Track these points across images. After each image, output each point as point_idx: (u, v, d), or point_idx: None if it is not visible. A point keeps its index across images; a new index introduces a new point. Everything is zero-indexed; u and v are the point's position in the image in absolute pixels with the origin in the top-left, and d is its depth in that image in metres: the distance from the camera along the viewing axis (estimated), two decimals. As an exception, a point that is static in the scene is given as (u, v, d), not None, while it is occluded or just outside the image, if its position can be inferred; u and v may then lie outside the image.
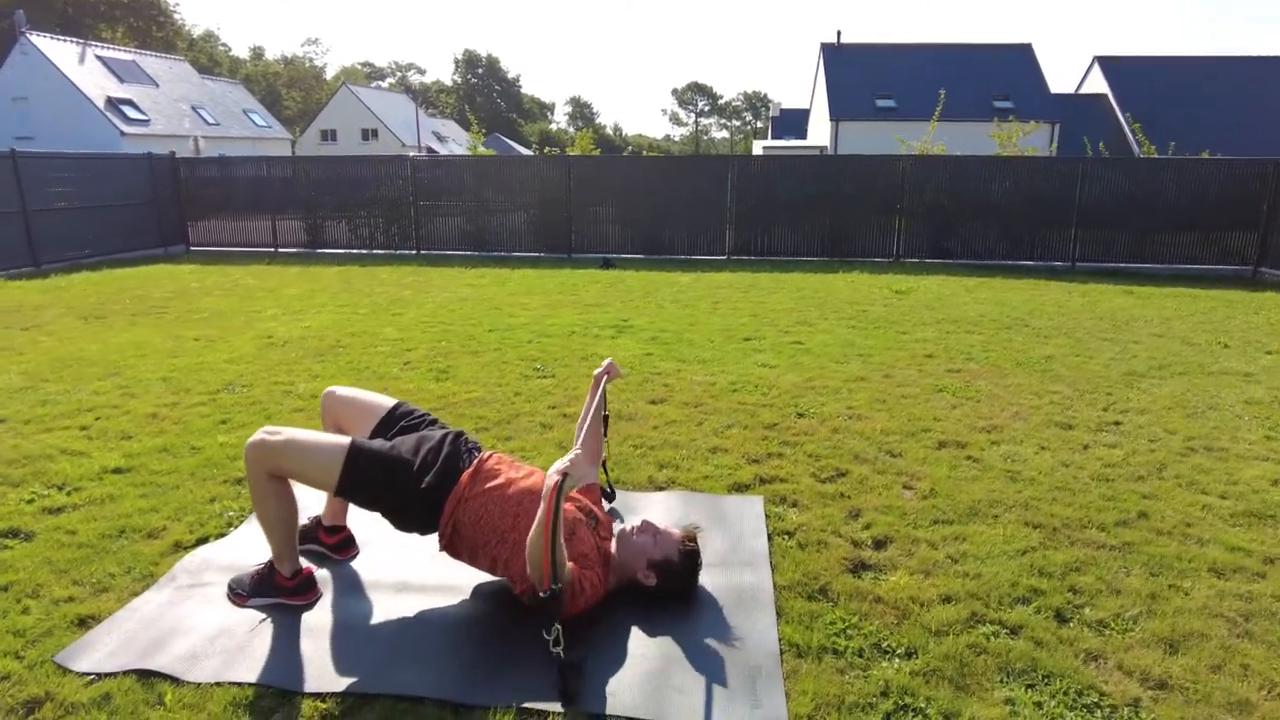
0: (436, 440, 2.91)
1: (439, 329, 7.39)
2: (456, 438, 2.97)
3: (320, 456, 2.76)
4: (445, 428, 3.07)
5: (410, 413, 3.11)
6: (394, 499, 2.78)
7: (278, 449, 2.76)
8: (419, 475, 2.76)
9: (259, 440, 2.77)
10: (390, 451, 2.82)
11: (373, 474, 2.76)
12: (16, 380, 5.68)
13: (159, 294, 9.73)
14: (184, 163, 15.36)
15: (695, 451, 4.25)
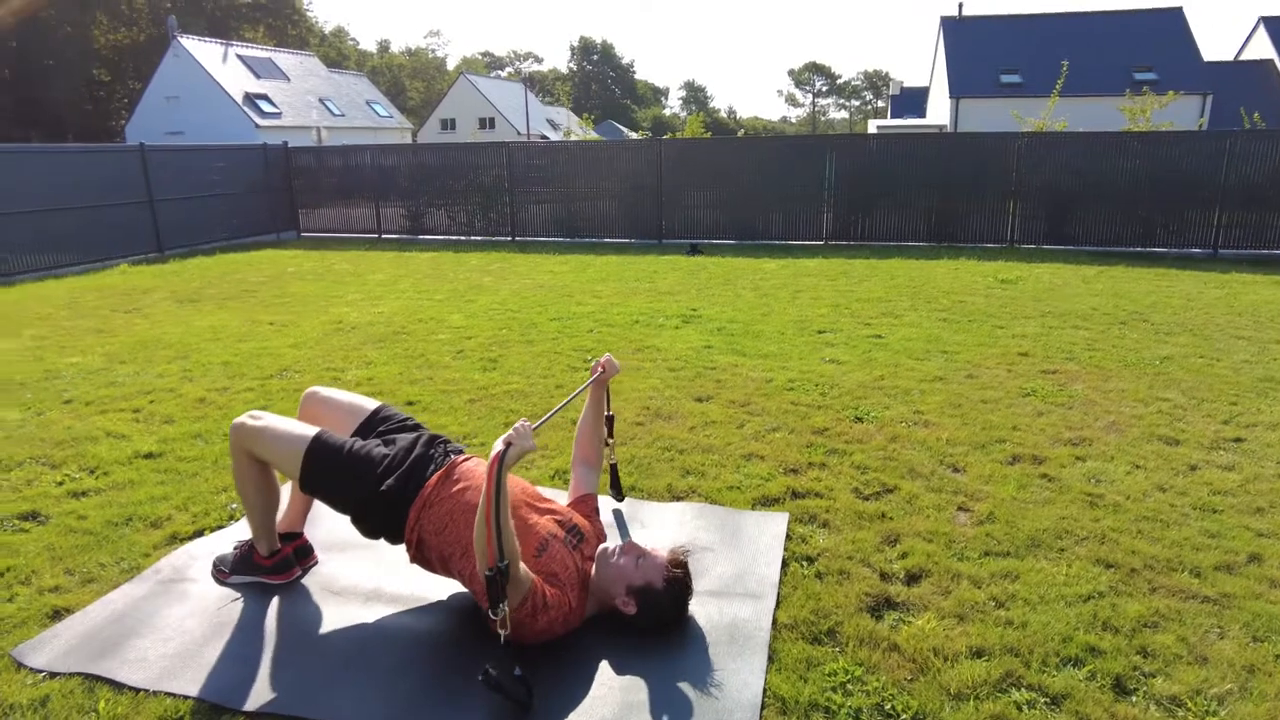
0: (408, 442, 2.71)
1: (504, 317, 7.27)
2: (431, 441, 2.75)
3: (290, 445, 2.63)
4: (426, 431, 2.86)
5: (390, 417, 2.91)
6: (354, 499, 2.60)
7: (253, 434, 2.65)
8: (381, 477, 2.57)
9: (240, 423, 2.68)
10: (355, 448, 2.64)
11: (333, 469, 2.60)
12: (97, 362, 5.94)
13: (255, 278, 10.12)
14: (295, 152, 16.03)
15: (728, 457, 3.88)
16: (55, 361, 5.96)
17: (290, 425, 2.68)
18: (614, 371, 3.15)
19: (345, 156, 15.85)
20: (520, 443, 2.23)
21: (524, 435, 2.25)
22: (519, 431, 2.26)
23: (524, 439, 2.24)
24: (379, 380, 5.29)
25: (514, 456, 2.22)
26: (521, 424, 2.28)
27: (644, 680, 2.29)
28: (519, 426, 2.27)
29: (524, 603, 2.29)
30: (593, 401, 3.15)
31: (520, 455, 2.23)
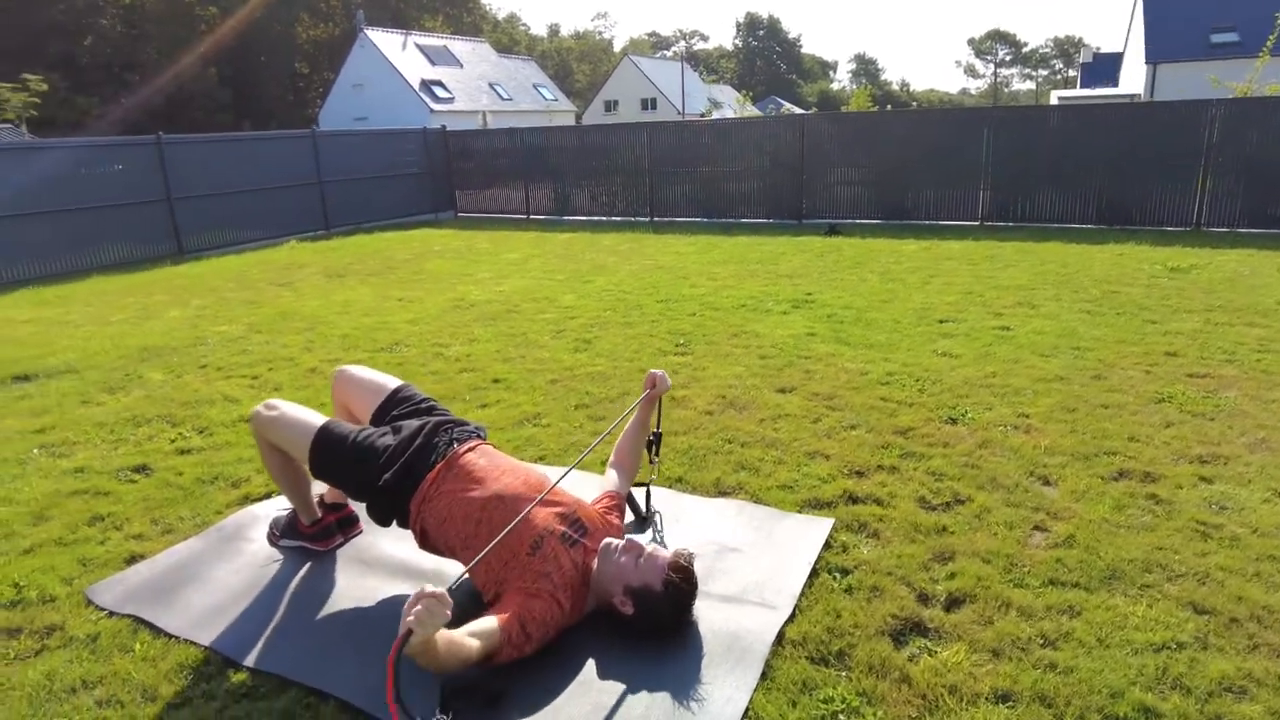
0: (413, 430, 2.70)
1: (613, 297, 7.28)
2: (437, 428, 2.74)
3: (299, 435, 2.71)
4: (438, 415, 2.86)
5: (409, 398, 2.94)
6: (358, 489, 2.66)
7: (268, 423, 2.77)
8: (381, 469, 2.59)
9: (255, 413, 2.82)
10: (359, 439, 2.67)
11: (338, 459, 2.66)
12: (238, 331, 6.53)
13: (401, 255, 10.75)
14: (453, 136, 16.85)
15: (790, 454, 3.66)
16: (206, 330, 6.61)
17: (301, 415, 2.76)
18: (664, 388, 3.11)
19: (497, 139, 16.46)
20: (423, 629, 1.85)
21: (430, 616, 1.86)
22: (427, 610, 1.86)
23: (430, 621, 1.86)
24: (475, 357, 5.44)
25: (418, 646, 1.86)
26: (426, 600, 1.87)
27: (623, 684, 2.19)
28: (427, 602, 1.87)
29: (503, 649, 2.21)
30: (640, 416, 3.11)
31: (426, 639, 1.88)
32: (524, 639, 2.26)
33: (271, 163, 13.39)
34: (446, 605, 1.90)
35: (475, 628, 2.20)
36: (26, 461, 3.96)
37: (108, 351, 5.95)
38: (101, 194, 11.04)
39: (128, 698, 2.26)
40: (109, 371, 5.42)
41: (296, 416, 2.77)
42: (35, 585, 2.85)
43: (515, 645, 2.24)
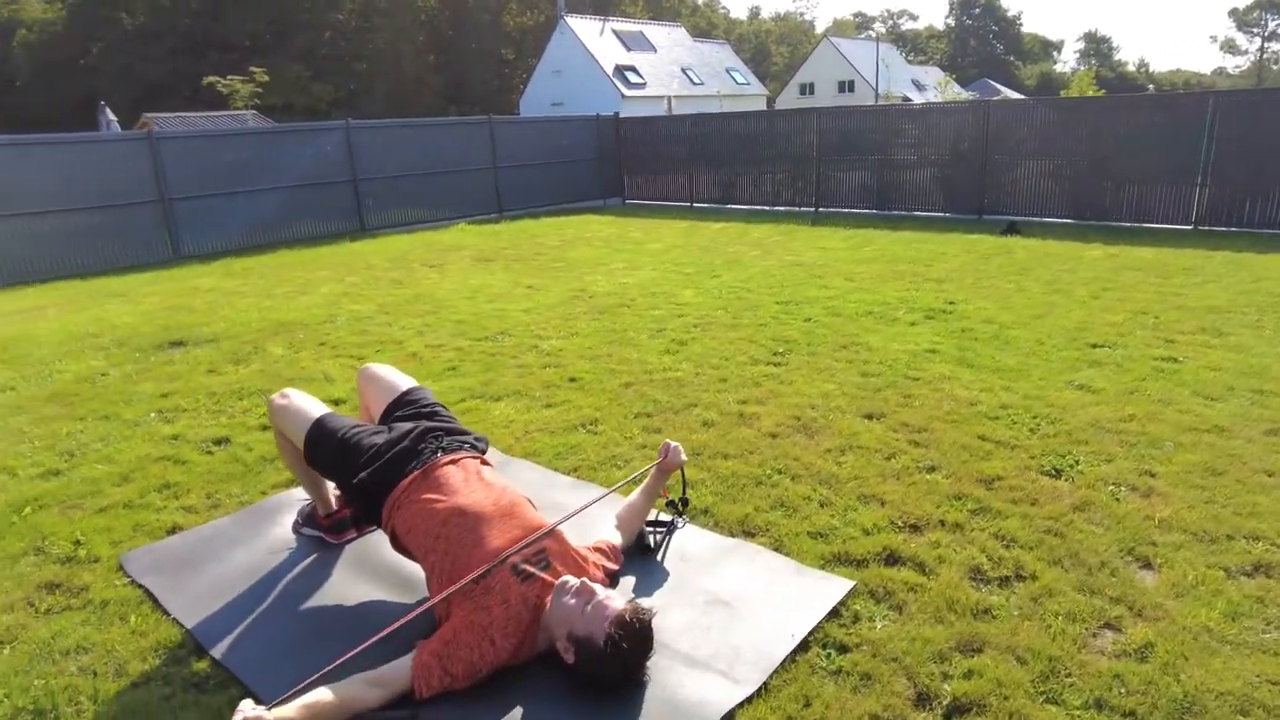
0: (400, 434, 2.65)
1: (732, 296, 6.95)
2: (424, 434, 2.66)
3: (299, 426, 2.75)
4: (438, 422, 2.78)
5: (415, 401, 2.90)
6: (340, 484, 2.66)
7: (278, 412, 2.83)
8: (361, 467, 2.56)
9: (270, 400, 2.89)
10: (348, 435, 2.66)
11: (327, 453, 2.68)
12: (368, 310, 6.90)
13: (552, 242, 10.97)
14: (625, 122, 16.98)
15: (842, 495, 3.24)
16: (343, 308, 7.05)
17: (305, 406, 2.79)
18: (675, 462, 2.95)
19: (667, 125, 16.40)
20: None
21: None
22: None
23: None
24: (564, 353, 5.37)
25: None
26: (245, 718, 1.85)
27: (533, 748, 1.99)
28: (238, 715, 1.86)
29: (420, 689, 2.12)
30: (648, 488, 2.96)
31: None
32: (445, 677, 2.14)
33: (450, 148, 14.14)
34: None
35: (380, 675, 2.13)
36: (140, 424, 4.37)
37: (251, 324, 6.49)
38: (299, 174, 12.17)
39: (102, 669, 2.38)
40: (241, 343, 5.91)
41: (300, 407, 2.80)
42: (90, 544, 3.10)
43: (435, 683, 2.13)
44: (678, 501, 3.08)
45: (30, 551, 3.08)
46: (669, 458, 2.93)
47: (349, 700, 2.04)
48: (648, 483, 2.96)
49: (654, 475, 2.95)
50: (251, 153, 11.71)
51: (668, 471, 2.96)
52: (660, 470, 2.95)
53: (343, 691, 2.05)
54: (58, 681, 2.33)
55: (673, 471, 2.98)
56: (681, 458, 2.95)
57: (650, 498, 2.95)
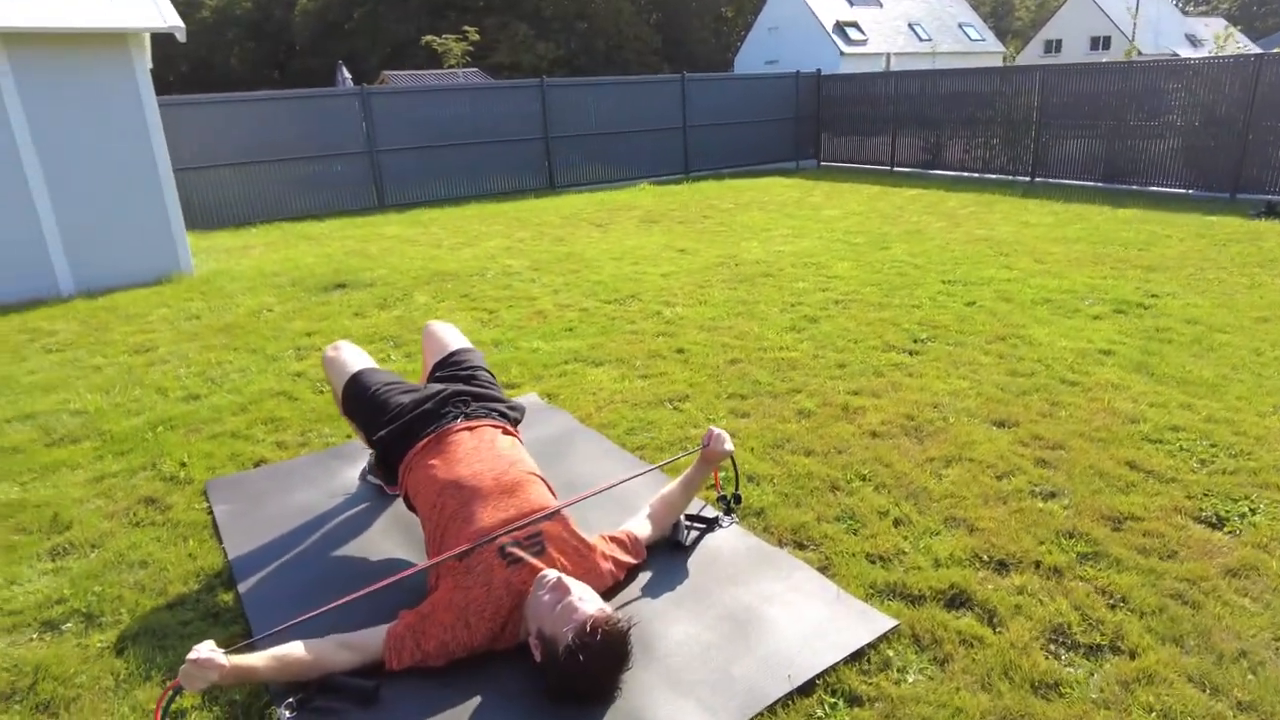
0: (425, 395, 2.61)
1: (894, 271, 6.32)
2: (450, 398, 2.59)
3: (338, 379, 2.78)
4: (472, 386, 2.70)
5: (459, 363, 2.86)
6: (366, 441, 2.65)
7: (327, 363, 2.89)
8: (382, 425, 2.55)
9: (324, 351, 2.94)
10: (379, 392, 2.64)
11: (358, 408, 2.70)
12: (519, 266, 7.03)
13: (725, 204, 10.64)
14: (826, 80, 16.06)
15: (926, 514, 2.78)
16: (499, 261, 7.24)
17: (349, 359, 2.81)
18: (720, 452, 2.64)
19: (872, 84, 15.30)
20: (190, 685, 1.84)
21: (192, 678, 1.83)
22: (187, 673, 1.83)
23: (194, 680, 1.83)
24: (684, 321, 5.14)
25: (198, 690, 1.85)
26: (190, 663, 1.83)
27: (473, 749, 1.86)
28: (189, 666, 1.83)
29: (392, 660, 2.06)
30: (689, 478, 2.69)
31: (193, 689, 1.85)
32: (418, 653, 2.07)
33: (641, 107, 14.09)
34: (210, 669, 1.84)
35: (355, 639, 2.08)
36: (276, 360, 4.72)
37: (410, 272, 6.84)
38: (496, 130, 12.69)
39: (149, 586, 2.55)
40: (394, 290, 6.23)
41: (345, 360, 2.84)
42: (191, 467, 3.37)
43: (406, 657, 2.07)
44: (729, 498, 2.80)
45: (147, 466, 3.41)
46: (711, 446, 2.65)
47: (320, 659, 2.02)
48: (689, 473, 2.70)
49: (696, 465, 2.69)
50: (453, 109, 12.34)
51: (712, 462, 2.68)
52: (704, 461, 2.67)
53: (315, 649, 2.03)
54: (112, 590, 2.53)
55: (718, 462, 2.70)
56: (726, 447, 2.65)
57: (690, 490, 2.69)
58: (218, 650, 1.88)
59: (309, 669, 2.00)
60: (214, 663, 1.83)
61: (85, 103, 6.51)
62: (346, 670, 2.04)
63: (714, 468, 2.71)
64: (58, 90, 6.40)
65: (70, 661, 2.21)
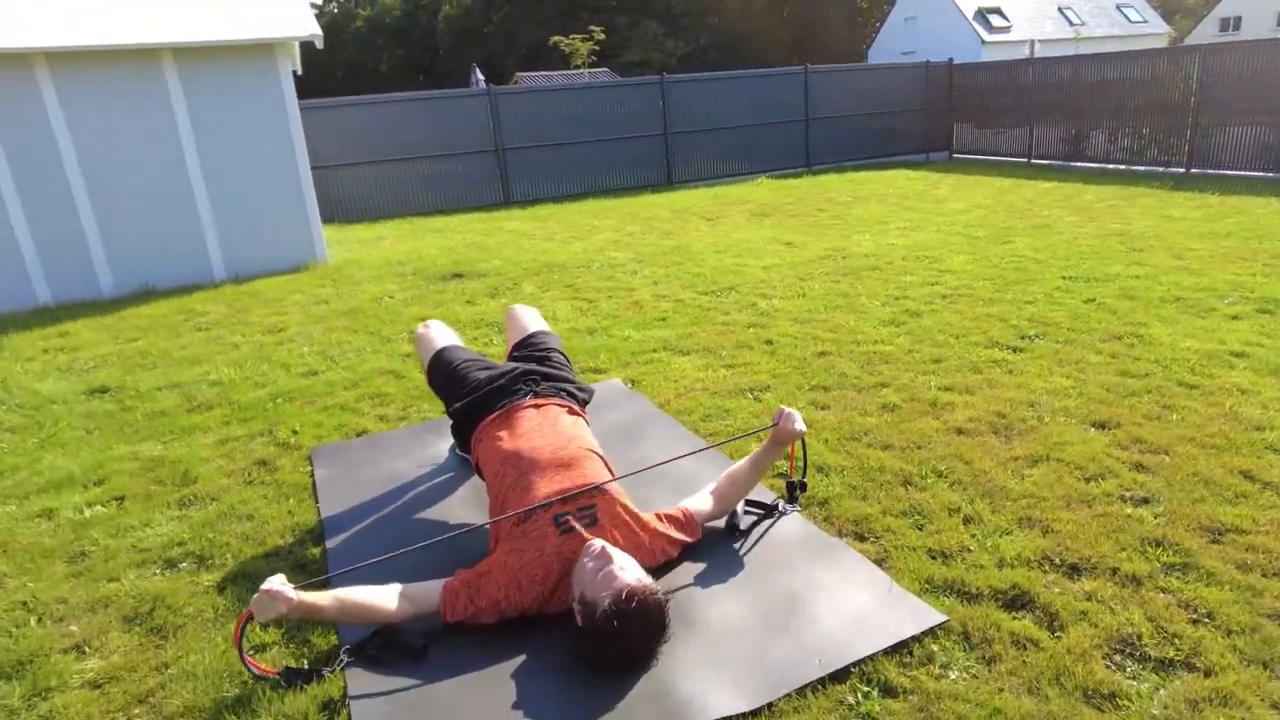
0: (499, 373, 2.76)
1: (1011, 266, 6.00)
2: (522, 376, 2.73)
3: (425, 355, 2.98)
4: (546, 367, 2.83)
5: (534, 344, 3.00)
6: (447, 412, 2.81)
7: (417, 340, 3.11)
8: (458, 398, 2.72)
9: (416, 329, 3.14)
10: (459, 367, 2.81)
11: (439, 382, 2.88)
12: (624, 259, 7.17)
13: (843, 197, 10.40)
14: (959, 69, 15.35)
15: (999, 514, 2.67)
16: (605, 254, 7.42)
17: (436, 336, 3.00)
18: (791, 432, 2.59)
19: (1008, 72, 14.51)
20: (262, 615, 2.03)
21: (264, 608, 2.02)
22: (260, 602, 2.02)
23: (266, 610, 2.02)
24: (777, 314, 5.10)
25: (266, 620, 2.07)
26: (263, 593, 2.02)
27: (520, 692, 1.96)
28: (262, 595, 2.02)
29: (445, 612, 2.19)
30: (756, 458, 2.66)
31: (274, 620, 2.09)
32: (471, 608, 2.19)
33: (762, 100, 13.98)
34: (279, 601, 2.02)
35: (413, 590, 2.21)
36: (390, 341, 5.05)
37: (522, 263, 7.12)
38: (617, 128, 12.93)
39: (253, 536, 2.83)
40: (504, 280, 6.51)
41: (432, 337, 3.03)
42: (302, 435, 3.69)
43: (460, 610, 2.18)
44: (796, 484, 2.78)
45: (265, 433, 3.76)
46: (781, 425, 2.62)
47: (379, 605, 2.16)
48: (758, 453, 2.68)
49: (766, 445, 2.67)
50: (576, 107, 12.68)
51: (781, 443, 2.65)
52: (774, 441, 2.66)
53: (376, 596, 2.18)
54: (221, 538, 2.82)
55: (788, 443, 2.66)
56: (797, 427, 2.61)
57: (758, 470, 2.67)
58: (287, 585, 2.05)
59: (368, 613, 2.15)
60: (283, 595, 2.02)
61: (236, 108, 7.17)
62: (403, 618, 2.18)
63: (784, 449, 2.68)
64: (214, 98, 7.08)
65: (182, 595, 2.50)
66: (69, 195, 6.77)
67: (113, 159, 6.84)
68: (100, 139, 6.77)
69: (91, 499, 3.18)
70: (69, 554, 2.79)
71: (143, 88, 6.82)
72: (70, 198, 6.78)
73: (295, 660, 2.18)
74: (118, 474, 3.38)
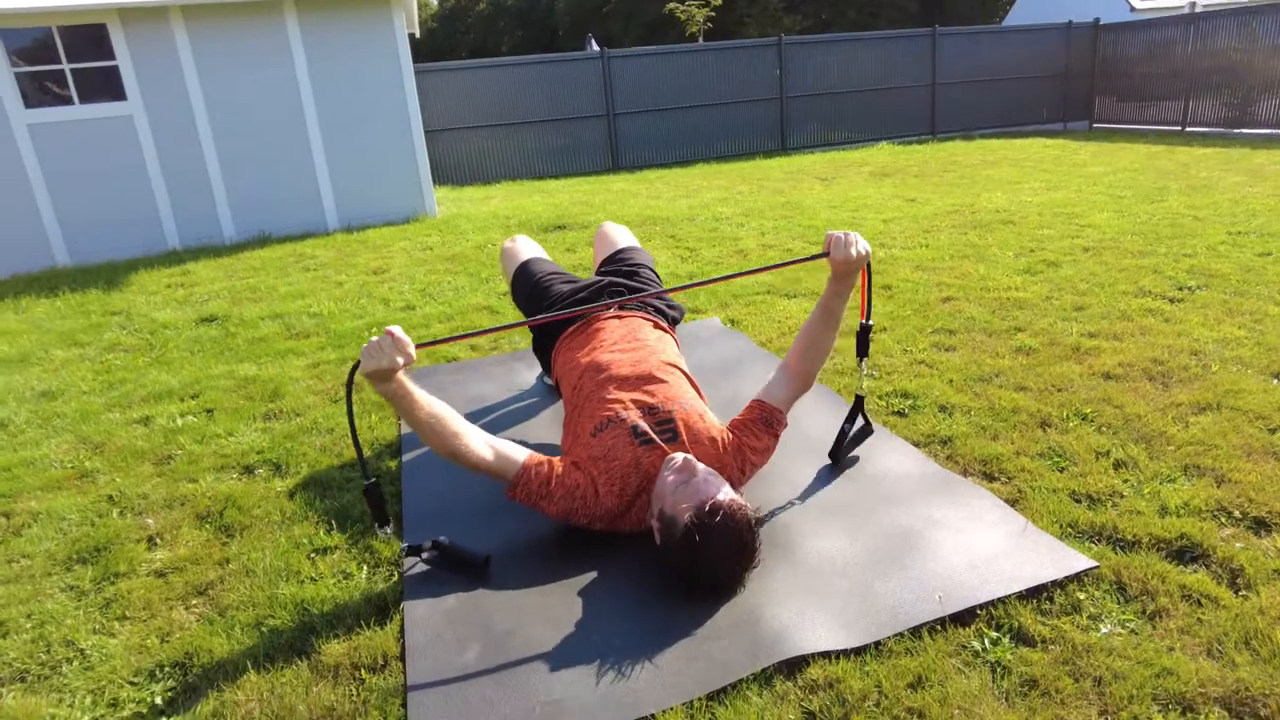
0: (582, 285, 2.58)
1: (1165, 222, 5.32)
2: (605, 288, 2.54)
3: (509, 267, 2.83)
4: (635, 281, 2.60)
5: (623, 259, 2.80)
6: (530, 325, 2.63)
7: (502, 253, 2.98)
8: (538, 309, 2.53)
9: (502, 244, 2.99)
10: (542, 280, 2.64)
11: (522, 295, 2.73)
12: (730, 213, 6.86)
13: (970, 161, 9.68)
14: (1104, 30, 14.06)
15: (1159, 460, 2.25)
16: (711, 210, 7.12)
17: (521, 250, 2.84)
18: (848, 260, 2.02)
19: (1164, 32, 13.15)
20: (371, 362, 1.76)
21: (379, 352, 1.76)
22: (377, 346, 1.77)
23: (378, 356, 1.76)
24: (896, 261, 4.68)
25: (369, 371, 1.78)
26: (382, 338, 1.79)
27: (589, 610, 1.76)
28: (382, 339, 1.78)
29: (515, 486, 1.99)
30: (823, 301, 2.14)
31: (378, 372, 1.78)
32: (543, 490, 1.98)
33: (885, 64, 13.24)
34: (399, 353, 1.77)
35: (501, 445, 2.01)
36: (488, 281, 4.96)
37: (625, 217, 6.92)
38: (730, 93, 12.55)
39: (330, 449, 2.75)
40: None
41: (517, 250, 2.87)
42: (393, 363, 3.61)
43: (531, 491, 1.98)
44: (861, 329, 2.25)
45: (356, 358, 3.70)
46: (834, 253, 2.02)
47: (463, 435, 1.94)
48: (823, 298, 2.13)
49: (829, 285, 2.11)
50: (689, 71, 12.35)
51: (844, 276, 2.07)
52: (835, 278, 2.08)
53: (465, 426, 1.97)
54: (299, 448, 2.76)
55: (853, 274, 2.08)
56: (858, 250, 2.02)
57: (830, 318, 2.12)
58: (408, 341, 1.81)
59: (451, 437, 1.92)
60: (405, 347, 1.78)
61: (352, 62, 7.28)
62: (477, 464, 1.95)
63: (852, 282, 2.10)
64: (332, 51, 7.20)
65: (254, 498, 2.43)
66: (198, 147, 7.06)
67: (237, 111, 7.08)
68: (226, 92, 7.01)
69: (185, 410, 3.19)
70: (157, 456, 2.79)
71: (267, 41, 7.01)
72: (199, 149, 7.06)
73: (356, 567, 2.05)
74: (211, 389, 3.39)
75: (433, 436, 1.92)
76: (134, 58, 6.72)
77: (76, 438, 2.99)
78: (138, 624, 1.90)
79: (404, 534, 2.15)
